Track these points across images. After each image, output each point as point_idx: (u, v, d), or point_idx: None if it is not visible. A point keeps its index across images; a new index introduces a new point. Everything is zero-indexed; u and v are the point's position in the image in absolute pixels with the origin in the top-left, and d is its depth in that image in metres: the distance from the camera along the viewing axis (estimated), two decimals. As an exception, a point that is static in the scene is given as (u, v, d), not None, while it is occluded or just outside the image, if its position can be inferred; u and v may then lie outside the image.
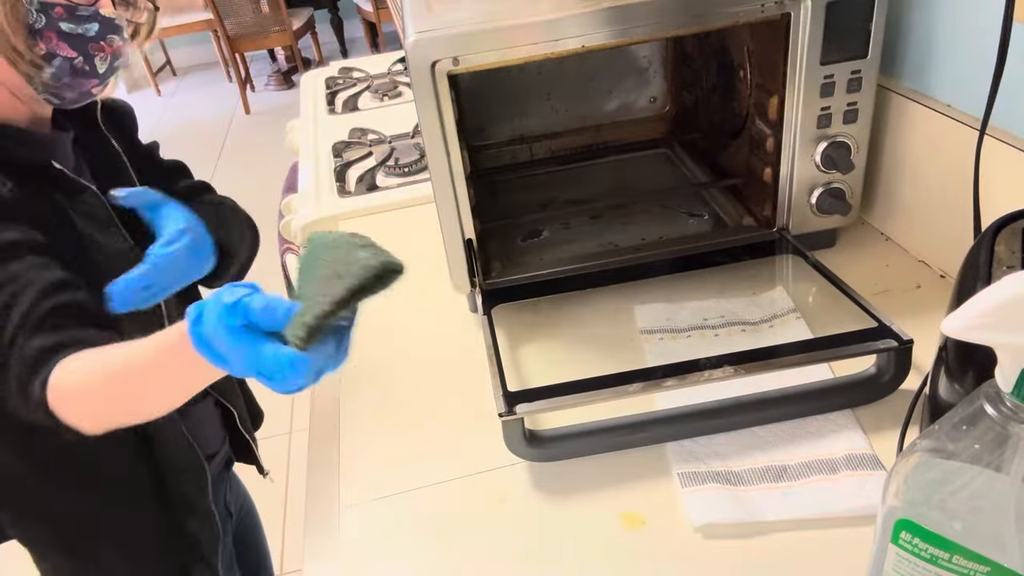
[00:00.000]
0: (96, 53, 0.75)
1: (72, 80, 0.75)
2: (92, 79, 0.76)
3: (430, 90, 0.76)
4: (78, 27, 0.73)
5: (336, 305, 0.51)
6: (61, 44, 0.73)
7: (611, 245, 0.97)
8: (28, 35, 0.71)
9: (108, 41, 0.76)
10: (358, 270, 0.52)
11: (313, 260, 0.54)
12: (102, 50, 0.76)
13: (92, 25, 0.74)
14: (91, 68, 0.75)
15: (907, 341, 0.67)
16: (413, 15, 0.80)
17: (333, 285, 0.51)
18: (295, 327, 0.49)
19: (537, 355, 0.84)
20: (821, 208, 0.87)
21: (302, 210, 1.26)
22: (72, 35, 0.73)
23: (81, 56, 0.74)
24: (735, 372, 0.67)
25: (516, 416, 0.66)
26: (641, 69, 1.17)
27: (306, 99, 1.76)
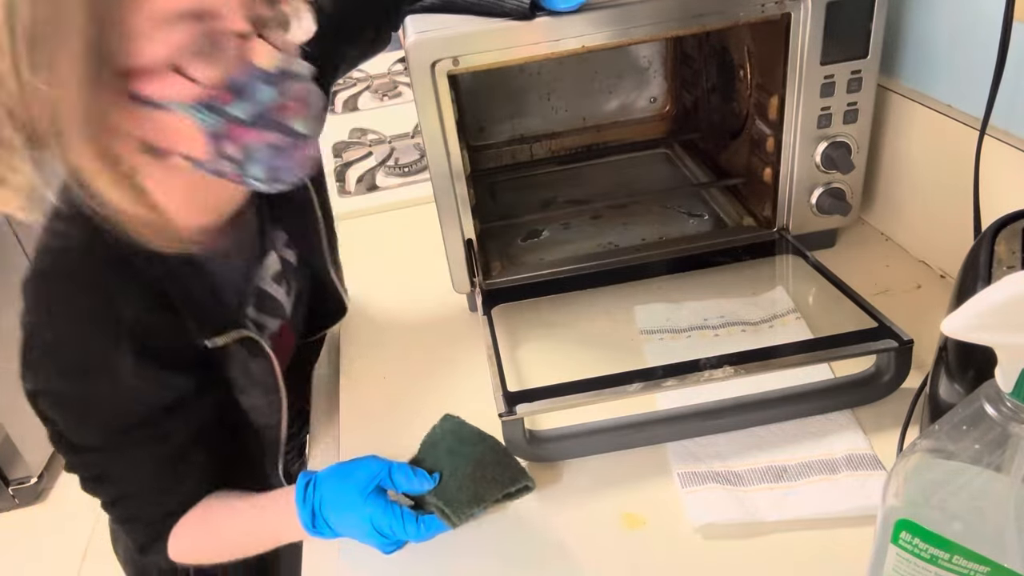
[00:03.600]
0: (287, 116, 0.59)
1: (285, 160, 0.60)
2: (303, 144, 0.61)
3: (430, 90, 0.76)
4: (251, 104, 0.56)
5: (493, 503, 0.62)
6: (250, 132, 0.58)
7: (611, 245, 0.97)
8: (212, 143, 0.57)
9: (291, 94, 0.58)
10: (511, 480, 0.62)
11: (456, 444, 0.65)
12: (292, 108, 0.59)
13: (262, 89, 0.57)
14: (293, 134, 0.60)
15: (907, 341, 0.67)
16: (413, 15, 0.80)
17: (488, 484, 0.62)
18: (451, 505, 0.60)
19: (537, 355, 0.84)
20: (821, 208, 0.87)
21: (302, 210, 1.26)
22: (253, 117, 0.57)
23: (276, 131, 0.59)
24: (735, 372, 0.67)
25: (516, 416, 0.66)
26: (641, 69, 1.17)
27: (306, 99, 1.76)
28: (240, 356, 0.69)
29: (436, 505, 0.61)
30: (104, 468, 0.66)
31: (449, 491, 0.61)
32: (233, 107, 0.56)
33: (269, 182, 0.61)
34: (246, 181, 0.61)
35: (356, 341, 0.92)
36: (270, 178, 0.61)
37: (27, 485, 1.96)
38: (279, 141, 0.59)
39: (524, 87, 1.15)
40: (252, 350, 0.70)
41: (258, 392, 0.73)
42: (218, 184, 0.62)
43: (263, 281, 0.76)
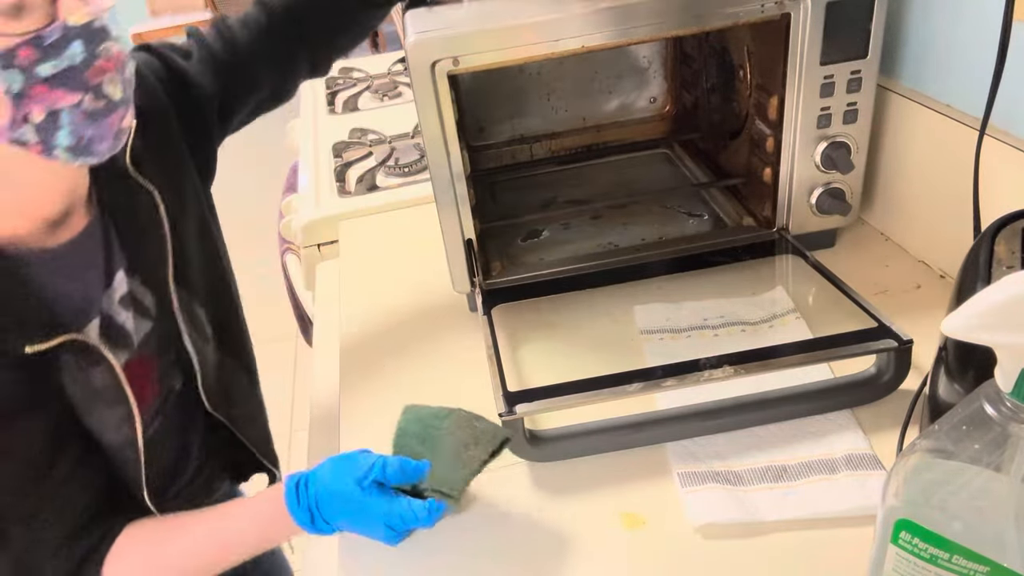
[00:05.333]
0: (99, 78, 0.57)
1: (95, 128, 0.58)
2: (114, 111, 0.59)
3: (430, 90, 0.76)
4: (60, 60, 0.54)
5: (482, 466, 0.63)
6: (56, 93, 0.55)
7: (611, 245, 0.97)
8: (14, 106, 0.54)
9: (103, 54, 0.56)
10: (491, 438, 0.64)
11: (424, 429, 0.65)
12: (104, 70, 0.57)
13: (72, 46, 0.54)
14: (106, 99, 0.58)
15: (907, 341, 0.67)
16: (413, 15, 0.80)
17: (470, 451, 0.63)
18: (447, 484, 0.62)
19: (537, 355, 0.84)
20: (821, 208, 0.87)
21: (302, 210, 1.26)
22: (60, 75, 0.54)
23: (86, 93, 0.56)
24: (735, 372, 0.67)
25: (516, 416, 0.66)
26: (641, 69, 1.17)
27: (306, 99, 1.76)
28: (73, 366, 0.63)
29: (434, 490, 0.61)
30: None
31: (440, 473, 0.62)
32: (39, 65, 0.53)
33: (78, 153, 0.58)
34: (52, 152, 0.57)
35: (356, 341, 0.92)
36: (78, 147, 0.58)
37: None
38: (90, 104, 0.57)
39: (524, 87, 1.15)
40: (87, 357, 0.64)
41: (102, 405, 0.66)
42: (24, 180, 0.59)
43: (108, 304, 0.69)
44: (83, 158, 0.59)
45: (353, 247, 1.15)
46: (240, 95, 0.85)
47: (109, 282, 0.70)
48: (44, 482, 0.62)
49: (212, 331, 0.81)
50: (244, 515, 0.66)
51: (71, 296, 0.66)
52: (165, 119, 0.77)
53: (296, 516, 0.62)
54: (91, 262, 0.68)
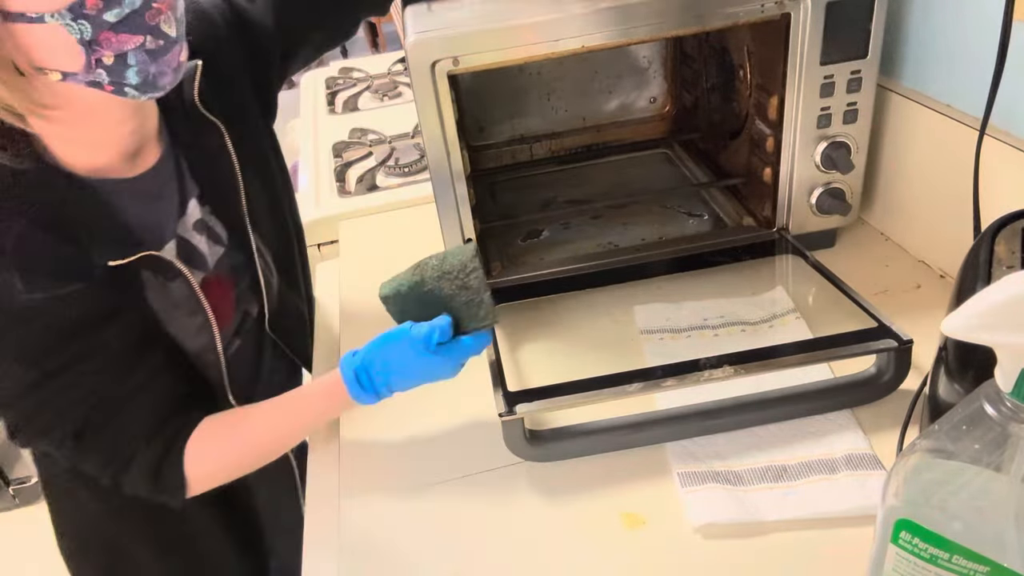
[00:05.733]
0: (156, 20, 0.62)
1: (157, 65, 0.63)
2: (172, 48, 0.64)
3: (430, 90, 0.76)
4: (123, 7, 0.59)
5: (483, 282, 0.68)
6: (122, 37, 0.60)
7: (611, 245, 0.97)
8: (88, 53, 0.60)
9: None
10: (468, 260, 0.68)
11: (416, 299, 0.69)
12: (160, 11, 0.62)
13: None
14: (164, 37, 0.63)
15: (907, 341, 0.67)
16: (413, 15, 0.80)
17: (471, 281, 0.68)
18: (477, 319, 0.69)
19: (537, 355, 0.84)
20: (821, 208, 0.87)
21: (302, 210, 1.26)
22: (124, 20, 0.60)
23: (147, 34, 0.62)
24: (735, 372, 0.67)
25: (516, 416, 0.66)
26: (641, 69, 1.17)
27: (306, 99, 1.76)
28: (153, 280, 0.71)
29: (475, 328, 0.69)
30: (46, 404, 0.66)
31: (465, 314, 0.69)
32: (104, 12, 0.58)
33: (144, 89, 0.64)
34: (124, 90, 0.63)
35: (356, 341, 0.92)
36: (145, 84, 0.63)
37: (27, 485, 1.96)
38: (152, 44, 0.62)
39: (524, 87, 1.15)
40: (165, 272, 0.72)
41: (181, 314, 0.74)
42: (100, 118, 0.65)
43: (183, 228, 0.77)
44: (150, 93, 0.65)
45: (353, 247, 1.15)
46: (302, 34, 0.89)
47: (183, 209, 0.76)
48: (130, 378, 0.68)
49: (276, 263, 0.88)
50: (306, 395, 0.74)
51: (148, 220, 0.73)
52: (229, 58, 0.82)
53: (363, 399, 0.69)
54: (164, 191, 0.75)
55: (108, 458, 0.70)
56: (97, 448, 0.69)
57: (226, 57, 0.82)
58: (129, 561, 0.86)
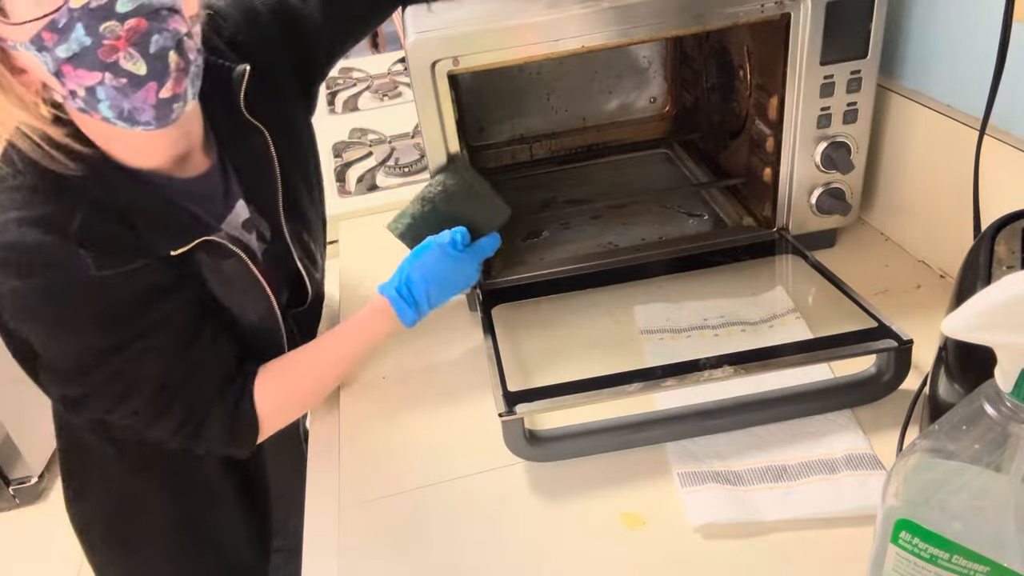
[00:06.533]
0: (113, 57, 0.59)
1: (130, 101, 0.61)
2: (143, 85, 0.61)
3: (430, 90, 0.76)
4: (70, 42, 0.57)
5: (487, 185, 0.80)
6: (79, 72, 0.59)
7: (611, 245, 0.97)
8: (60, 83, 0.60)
9: (108, 33, 0.58)
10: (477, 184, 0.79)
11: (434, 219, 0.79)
12: (115, 49, 0.58)
13: (77, 29, 0.57)
14: (127, 75, 0.60)
15: (907, 341, 0.67)
16: (413, 15, 0.80)
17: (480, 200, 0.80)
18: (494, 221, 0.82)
19: (537, 355, 0.84)
20: (821, 208, 0.87)
21: (302, 210, 1.26)
22: (76, 56, 0.58)
23: (104, 71, 0.59)
24: (735, 372, 0.67)
25: (516, 416, 0.66)
26: (641, 69, 1.17)
27: (306, 99, 1.76)
28: (210, 262, 0.74)
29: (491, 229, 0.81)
30: (120, 373, 0.70)
31: (482, 220, 0.79)
32: (58, 47, 0.57)
33: (128, 122, 0.63)
34: (108, 120, 0.62)
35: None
36: (122, 118, 0.63)
37: (27, 485, 1.96)
38: (113, 82, 0.60)
39: (524, 87, 1.15)
40: (220, 253, 0.75)
41: (237, 289, 0.77)
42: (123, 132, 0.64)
43: (231, 227, 0.79)
44: (139, 127, 0.64)
45: (353, 247, 1.15)
46: (350, 31, 0.92)
47: (230, 208, 0.79)
48: (197, 342, 0.73)
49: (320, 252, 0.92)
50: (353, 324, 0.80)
51: (200, 216, 0.76)
52: (278, 58, 0.84)
53: (406, 315, 0.77)
54: (214, 192, 0.78)
55: (184, 419, 0.73)
56: (173, 411, 0.73)
57: (274, 57, 0.83)
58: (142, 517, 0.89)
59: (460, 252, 0.78)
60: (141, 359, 0.70)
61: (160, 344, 0.70)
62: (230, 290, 0.77)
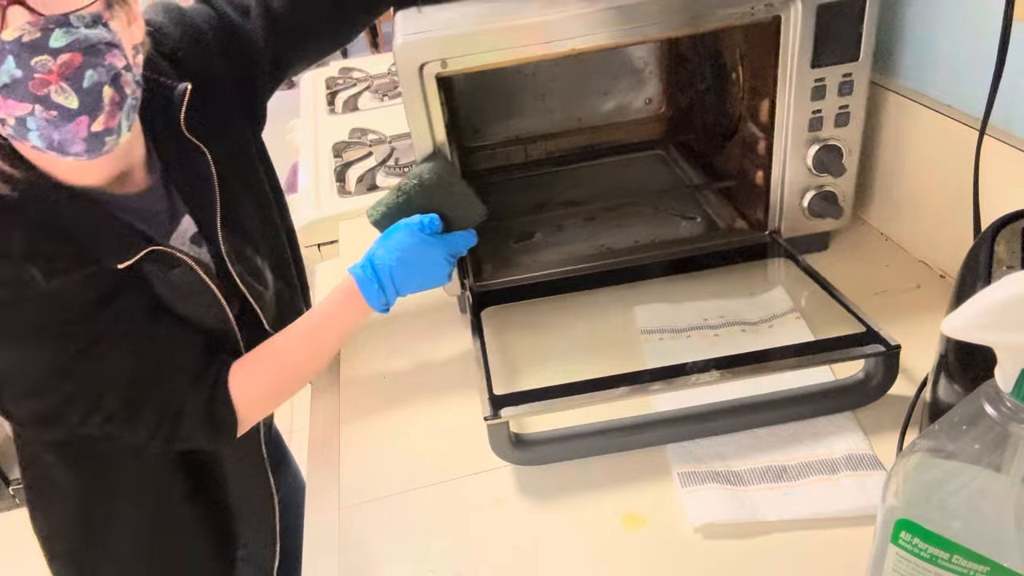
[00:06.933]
0: (44, 90, 0.59)
1: (60, 133, 0.62)
2: (74, 119, 0.61)
3: (418, 92, 0.76)
4: (0, 74, 0.58)
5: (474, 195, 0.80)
6: (9, 103, 0.59)
7: (604, 247, 0.97)
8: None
9: (40, 68, 0.58)
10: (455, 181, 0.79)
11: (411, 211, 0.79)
12: (46, 82, 0.59)
13: (7, 61, 0.58)
14: (58, 108, 0.60)
15: (894, 346, 0.66)
16: (403, 17, 0.80)
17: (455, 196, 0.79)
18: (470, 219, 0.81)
19: (530, 357, 0.84)
20: (813, 211, 0.86)
21: (302, 210, 1.26)
22: (6, 87, 0.58)
23: (35, 104, 0.60)
24: (721, 376, 0.66)
25: (501, 420, 0.66)
26: (637, 70, 1.16)
27: (306, 99, 1.76)
28: (158, 272, 0.73)
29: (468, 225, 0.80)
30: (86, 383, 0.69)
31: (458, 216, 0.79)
32: None
33: (59, 152, 0.63)
34: (38, 149, 0.63)
35: (355, 341, 0.92)
36: (52, 149, 0.63)
37: (27, 485, 1.96)
38: (43, 114, 0.60)
39: (519, 88, 1.14)
40: (167, 262, 0.74)
41: (187, 297, 0.76)
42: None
43: (179, 241, 0.79)
44: (69, 157, 0.64)
45: (353, 247, 1.15)
46: (296, 48, 0.91)
47: (175, 225, 0.79)
48: (157, 339, 0.73)
49: (269, 267, 0.90)
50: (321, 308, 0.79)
51: (145, 231, 0.76)
52: (219, 74, 0.84)
53: (373, 296, 0.76)
54: (158, 208, 0.78)
55: (160, 417, 0.73)
56: (147, 409, 0.72)
57: (216, 73, 0.83)
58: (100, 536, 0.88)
59: (427, 236, 0.77)
60: (104, 361, 0.70)
61: (120, 342, 0.70)
62: (179, 297, 0.76)
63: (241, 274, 0.84)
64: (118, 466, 0.82)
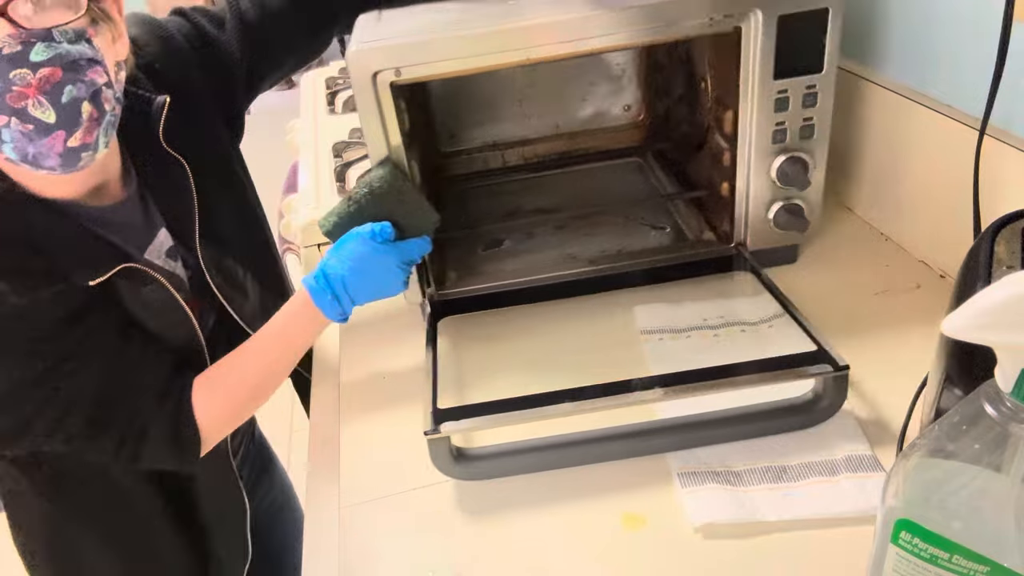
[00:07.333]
0: (22, 103, 0.59)
1: (35, 147, 0.61)
2: (50, 133, 0.61)
3: (372, 100, 0.75)
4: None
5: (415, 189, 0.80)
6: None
7: (570, 256, 0.94)
8: None
9: (19, 80, 0.59)
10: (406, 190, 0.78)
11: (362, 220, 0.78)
12: (24, 95, 0.59)
13: None
14: (34, 122, 0.60)
15: (843, 367, 0.65)
16: (362, 24, 0.79)
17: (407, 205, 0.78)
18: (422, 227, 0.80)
19: (489, 368, 0.83)
20: (779, 224, 0.85)
21: (302, 210, 1.26)
22: None
23: (11, 116, 0.60)
24: (664, 395, 0.65)
25: (441, 435, 0.66)
26: (615, 77, 1.14)
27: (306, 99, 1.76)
28: (129, 288, 0.73)
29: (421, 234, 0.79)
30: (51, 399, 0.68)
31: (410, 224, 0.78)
32: None
33: (33, 166, 0.63)
34: (11, 161, 0.62)
35: (355, 342, 0.92)
36: (27, 162, 0.62)
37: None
38: (19, 127, 0.60)
39: (496, 93, 1.12)
40: (140, 279, 0.74)
41: (158, 314, 0.76)
42: None
43: (154, 255, 0.79)
44: (42, 171, 0.64)
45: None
46: (272, 59, 0.91)
47: (152, 237, 0.79)
48: (125, 356, 0.72)
49: (251, 275, 0.90)
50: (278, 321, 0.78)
51: (119, 245, 0.75)
52: (196, 86, 0.83)
53: (327, 307, 0.74)
54: (133, 221, 0.77)
55: (124, 434, 0.72)
56: (112, 427, 0.71)
57: (193, 84, 0.83)
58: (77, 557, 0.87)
59: (379, 244, 0.75)
60: (72, 380, 0.69)
61: (88, 362, 0.69)
62: (150, 315, 0.75)
63: (220, 285, 0.84)
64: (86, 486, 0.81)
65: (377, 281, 0.76)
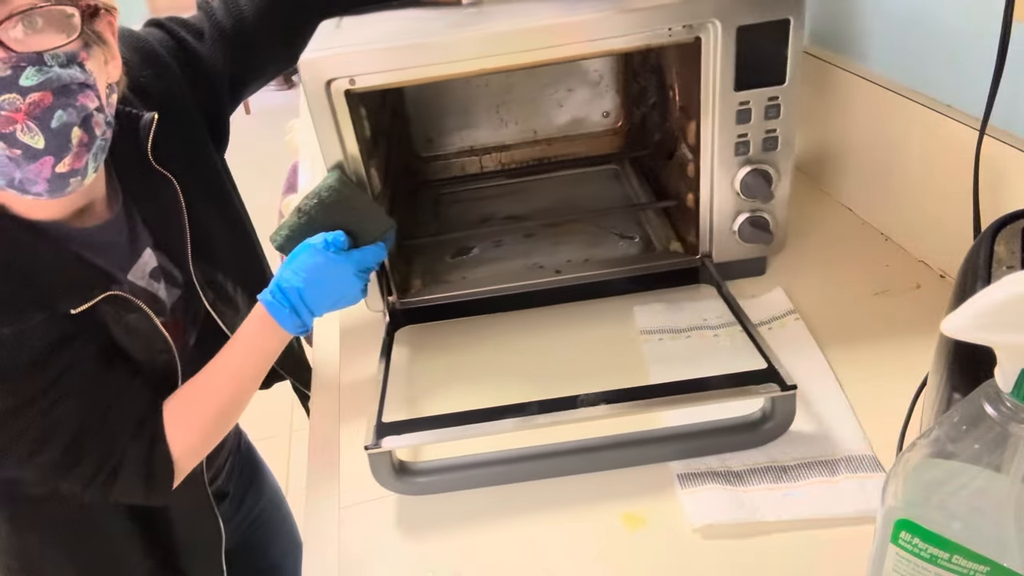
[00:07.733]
0: (10, 128, 0.58)
1: (22, 172, 0.60)
2: (39, 159, 0.60)
3: (326, 109, 0.74)
4: None
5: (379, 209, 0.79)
6: None
7: (536, 266, 0.93)
8: None
9: (7, 105, 0.57)
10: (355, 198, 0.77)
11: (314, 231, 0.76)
12: (12, 120, 0.58)
13: None
14: (22, 147, 0.59)
15: (790, 387, 0.64)
16: (320, 33, 0.79)
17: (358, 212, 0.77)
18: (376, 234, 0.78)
19: (448, 379, 0.83)
20: (743, 237, 0.84)
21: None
22: None
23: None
24: (610, 411, 0.65)
25: (382, 449, 0.65)
26: (592, 83, 1.13)
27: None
28: (114, 314, 0.72)
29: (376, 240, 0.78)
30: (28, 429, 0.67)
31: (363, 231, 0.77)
32: None
33: (17, 190, 0.61)
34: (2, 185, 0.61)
35: (355, 342, 0.92)
36: (13, 186, 0.61)
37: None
38: (7, 152, 0.58)
39: (473, 98, 1.11)
40: (124, 306, 0.73)
41: (141, 340, 0.75)
42: None
43: (137, 276, 0.77)
44: (29, 196, 0.62)
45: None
46: (252, 66, 0.90)
47: (137, 257, 0.77)
48: (105, 388, 0.71)
49: (241, 289, 0.89)
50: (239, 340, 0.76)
51: (102, 267, 0.74)
52: (181, 99, 0.82)
53: (285, 319, 0.73)
54: (118, 241, 0.76)
55: (99, 465, 0.71)
56: (87, 459, 0.70)
57: (179, 97, 0.82)
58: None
59: (333, 254, 0.73)
60: (50, 412, 0.67)
61: (69, 394, 0.68)
62: (132, 340, 0.74)
63: (213, 302, 0.84)
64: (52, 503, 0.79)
65: (334, 291, 0.74)
